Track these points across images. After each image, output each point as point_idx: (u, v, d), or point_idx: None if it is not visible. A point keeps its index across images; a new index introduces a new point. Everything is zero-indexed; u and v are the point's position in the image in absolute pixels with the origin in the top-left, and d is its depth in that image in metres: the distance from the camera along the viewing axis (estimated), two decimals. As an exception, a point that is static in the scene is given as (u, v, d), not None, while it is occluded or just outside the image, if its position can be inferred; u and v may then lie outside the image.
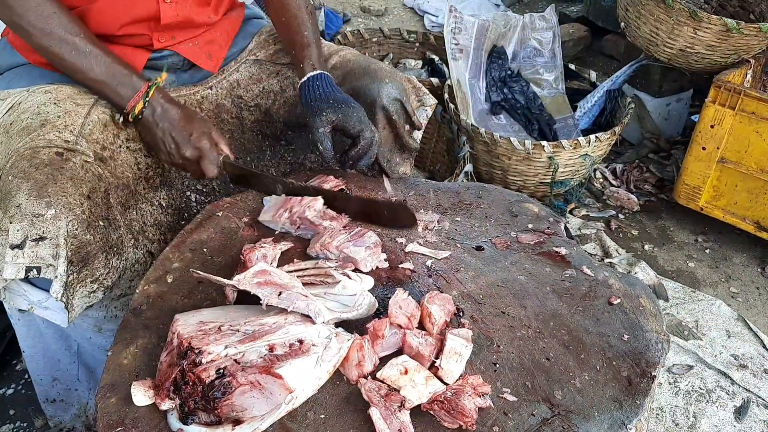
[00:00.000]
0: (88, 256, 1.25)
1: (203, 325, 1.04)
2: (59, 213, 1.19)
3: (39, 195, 1.19)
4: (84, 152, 1.32)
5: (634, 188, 2.97)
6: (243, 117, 1.69)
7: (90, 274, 1.26)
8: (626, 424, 1.01)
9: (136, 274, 1.40)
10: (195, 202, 1.60)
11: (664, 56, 2.73)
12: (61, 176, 1.23)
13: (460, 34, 2.83)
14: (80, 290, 1.25)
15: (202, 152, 1.39)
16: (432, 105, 1.79)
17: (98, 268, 1.28)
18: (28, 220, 1.18)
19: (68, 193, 1.22)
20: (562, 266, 1.32)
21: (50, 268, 1.19)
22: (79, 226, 1.22)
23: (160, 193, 1.52)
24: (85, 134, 1.35)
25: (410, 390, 1.00)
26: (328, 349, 1.02)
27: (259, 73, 1.70)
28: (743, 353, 2.11)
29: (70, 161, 1.27)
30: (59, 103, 1.37)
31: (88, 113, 1.38)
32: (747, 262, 2.57)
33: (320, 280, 1.18)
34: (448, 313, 1.14)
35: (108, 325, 1.45)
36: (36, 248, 1.18)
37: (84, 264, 1.24)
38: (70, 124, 1.34)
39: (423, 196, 1.54)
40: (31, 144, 1.28)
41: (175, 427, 0.97)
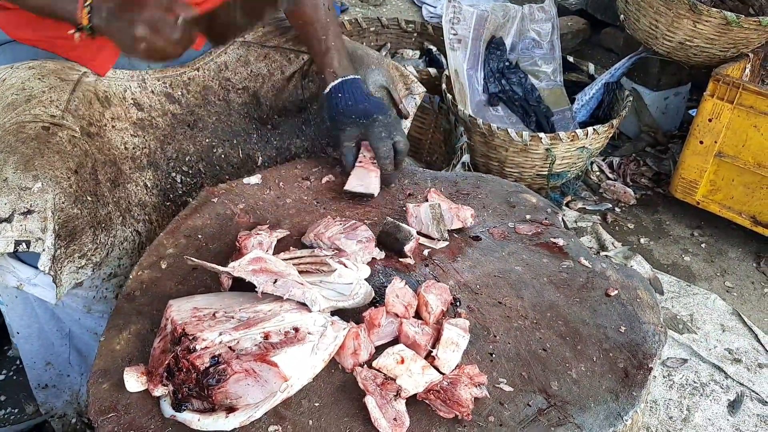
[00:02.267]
0: (76, 231, 1.23)
1: (197, 311, 1.03)
2: (46, 186, 1.18)
3: (26, 168, 1.18)
4: (71, 127, 1.31)
5: (631, 182, 2.96)
6: (230, 99, 1.68)
7: (78, 249, 1.25)
8: (622, 415, 1.00)
9: (124, 252, 1.40)
10: (181, 183, 1.58)
11: (663, 49, 2.72)
12: (47, 150, 1.22)
13: (459, 25, 2.81)
14: (68, 265, 1.24)
15: (153, 23, 1.21)
16: (420, 93, 1.77)
17: (86, 243, 1.26)
18: (16, 193, 1.16)
19: (55, 166, 1.21)
20: (559, 257, 1.31)
21: (39, 242, 1.18)
22: (66, 200, 1.21)
23: (146, 174, 1.51)
24: (71, 109, 1.34)
25: (406, 379, 0.99)
26: (323, 337, 1.01)
27: (247, 55, 1.69)
28: (737, 347, 2.11)
29: (57, 135, 1.26)
30: (43, 78, 1.35)
31: (73, 89, 1.37)
32: (742, 256, 2.57)
33: (316, 269, 1.17)
34: (445, 303, 1.14)
35: (97, 305, 1.44)
36: (24, 222, 1.17)
37: (72, 238, 1.23)
38: (56, 99, 1.33)
39: (420, 185, 1.53)
40: (17, 119, 1.26)
41: (168, 414, 0.96)
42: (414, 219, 1.35)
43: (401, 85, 1.73)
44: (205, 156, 1.63)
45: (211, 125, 1.63)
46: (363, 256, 1.24)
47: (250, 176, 1.51)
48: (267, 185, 1.49)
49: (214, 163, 1.64)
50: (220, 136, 1.65)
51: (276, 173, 1.54)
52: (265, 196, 1.46)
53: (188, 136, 1.59)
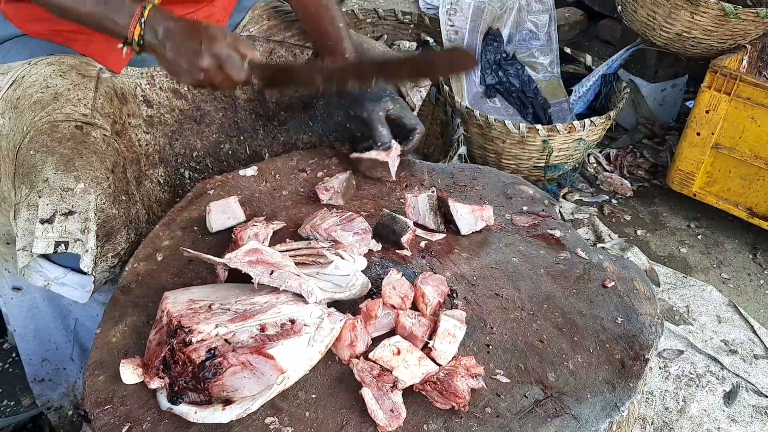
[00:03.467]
0: (113, 231, 1.24)
1: (193, 303, 1.03)
2: (88, 187, 1.18)
3: (67, 169, 1.18)
4: (102, 126, 1.30)
5: (628, 173, 2.96)
6: (236, 95, 1.67)
7: (112, 249, 1.25)
8: (619, 406, 1.00)
9: None
10: (189, 179, 1.58)
11: (660, 41, 2.71)
12: (86, 150, 1.22)
13: (456, 16, 2.80)
14: (102, 264, 1.24)
15: (221, 58, 1.23)
16: (426, 86, 1.77)
17: (120, 243, 1.27)
18: (58, 194, 1.16)
19: (95, 167, 1.21)
20: (556, 249, 1.31)
21: (78, 243, 1.18)
22: (106, 200, 1.22)
23: (158, 170, 1.51)
24: (98, 108, 1.33)
25: (403, 370, 0.99)
26: (320, 329, 1.01)
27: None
28: (733, 339, 2.11)
29: (91, 135, 1.26)
30: (65, 75, 1.34)
31: (96, 87, 1.36)
32: (739, 248, 2.57)
33: (313, 260, 1.16)
34: (442, 294, 1.14)
35: None
36: (65, 222, 1.17)
37: (108, 238, 1.23)
38: (83, 97, 1.32)
39: (417, 177, 1.52)
40: (48, 118, 1.25)
41: (165, 407, 0.96)
42: (411, 209, 1.34)
43: None
44: (212, 151, 1.63)
45: (217, 121, 1.63)
46: (359, 247, 1.24)
47: (246, 168, 1.50)
48: (263, 177, 1.49)
49: (221, 158, 1.64)
50: (227, 132, 1.65)
51: (272, 165, 1.53)
52: (261, 188, 1.46)
53: (195, 132, 1.59)
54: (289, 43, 1.70)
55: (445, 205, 1.33)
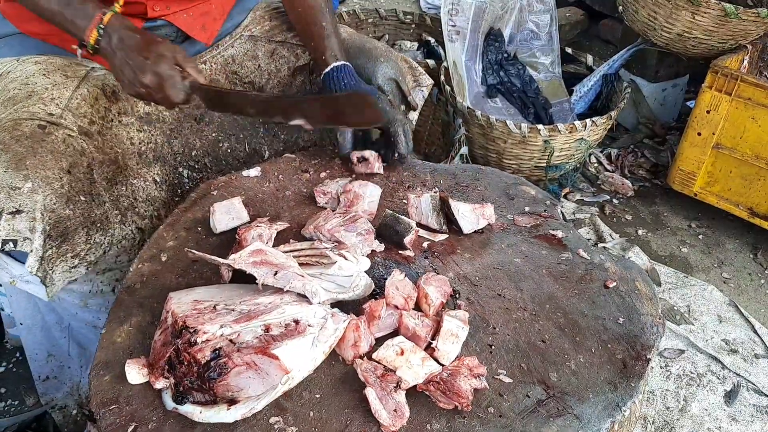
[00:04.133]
0: (68, 231, 1.23)
1: (198, 303, 1.04)
2: (36, 186, 1.18)
3: (17, 168, 1.18)
4: (68, 126, 1.30)
5: (629, 173, 2.97)
6: None
7: (70, 249, 1.25)
8: (620, 406, 1.01)
9: (123, 249, 1.39)
10: (187, 178, 1.58)
11: (661, 41, 2.72)
12: (41, 149, 1.22)
13: (457, 16, 2.81)
14: (61, 265, 1.24)
15: (162, 77, 1.28)
16: (428, 85, 1.78)
17: (79, 244, 1.26)
18: (5, 192, 1.16)
19: (47, 166, 1.21)
20: (558, 249, 1.32)
21: (27, 242, 1.17)
22: (57, 201, 1.21)
23: (154, 169, 1.51)
24: (72, 108, 1.33)
25: (406, 370, 1.00)
26: (324, 329, 1.02)
27: (254, 50, 1.68)
28: (734, 338, 2.12)
29: (52, 134, 1.26)
30: (48, 74, 1.35)
31: (77, 86, 1.37)
32: (739, 248, 2.58)
33: (316, 261, 1.17)
34: (445, 295, 1.14)
35: (94, 300, 1.44)
36: (12, 221, 1.16)
37: (64, 239, 1.23)
38: (57, 96, 1.32)
39: (419, 177, 1.53)
40: (14, 115, 1.26)
41: (170, 406, 0.96)
42: (414, 210, 1.35)
43: (410, 77, 1.73)
44: (212, 150, 1.63)
45: (217, 119, 1.63)
46: (362, 248, 1.25)
47: (249, 169, 1.51)
48: (266, 178, 1.50)
49: (220, 157, 1.64)
50: (226, 131, 1.65)
51: (275, 166, 1.54)
52: (264, 189, 1.46)
53: (195, 130, 1.59)
54: (291, 44, 1.71)
55: (446, 204, 1.33)
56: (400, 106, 1.65)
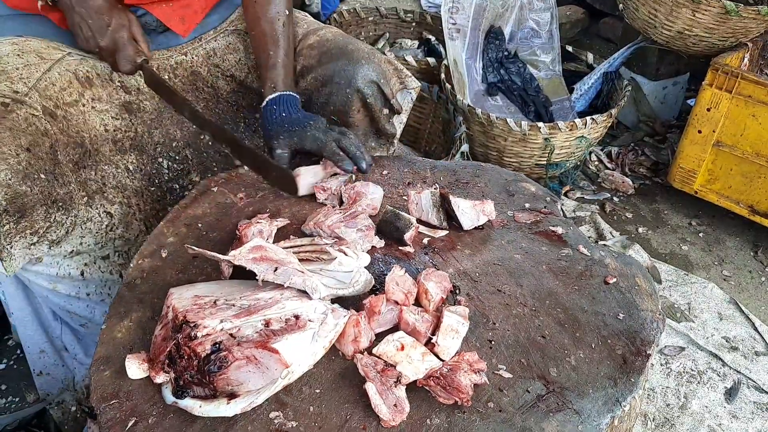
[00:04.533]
0: (25, 207, 1.23)
1: (198, 299, 1.04)
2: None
3: None
4: (32, 105, 1.31)
5: (629, 171, 2.97)
6: (218, 86, 1.67)
7: (29, 226, 1.25)
8: (620, 401, 1.01)
9: (88, 231, 1.40)
10: (167, 169, 1.58)
11: (661, 38, 2.72)
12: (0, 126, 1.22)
13: (458, 14, 2.81)
14: (20, 241, 1.24)
15: (118, 45, 1.39)
16: (416, 88, 1.75)
17: (38, 221, 1.26)
18: None
19: (4, 143, 1.21)
20: (558, 245, 1.32)
21: None
22: (13, 176, 1.21)
23: (128, 157, 1.50)
24: (40, 88, 1.34)
25: (406, 366, 1.00)
26: (324, 324, 1.02)
27: (237, 43, 1.68)
28: (734, 335, 2.12)
29: (14, 112, 1.26)
30: (23, 55, 1.36)
31: (49, 69, 1.38)
32: (740, 245, 2.58)
33: (316, 257, 1.17)
34: (445, 291, 1.14)
35: (62, 284, 1.45)
36: None
37: (22, 215, 1.23)
38: (26, 76, 1.33)
39: (420, 174, 1.53)
40: None
41: (170, 401, 0.96)
42: (414, 206, 1.35)
43: (395, 80, 1.70)
44: (192, 142, 1.62)
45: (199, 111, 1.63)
46: (363, 244, 1.25)
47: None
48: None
49: (201, 149, 1.63)
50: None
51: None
52: (264, 185, 1.46)
53: (175, 121, 1.59)
54: None
55: (446, 201, 1.33)
56: (382, 110, 1.63)
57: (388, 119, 1.66)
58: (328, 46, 1.62)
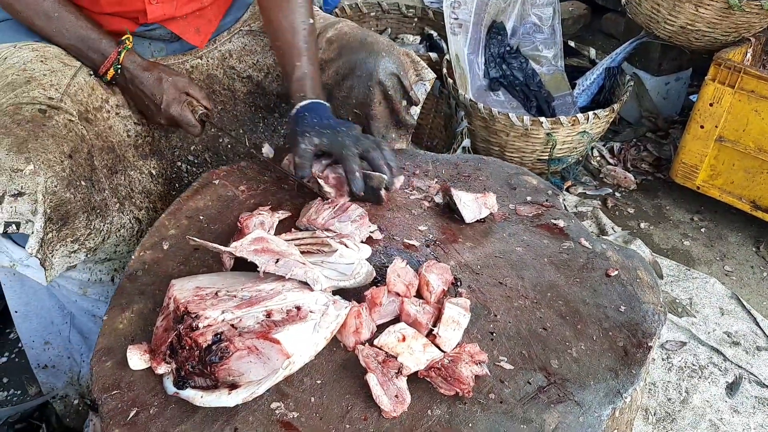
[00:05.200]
0: (68, 215, 1.23)
1: (200, 290, 1.04)
2: (38, 169, 1.18)
3: (19, 150, 1.18)
4: (68, 111, 1.31)
5: (631, 167, 2.96)
6: (235, 88, 1.67)
7: (71, 234, 1.25)
8: (621, 393, 1.01)
9: (121, 239, 1.40)
10: (186, 173, 1.58)
11: (664, 33, 2.71)
12: (42, 133, 1.22)
13: (460, 9, 2.80)
14: (60, 249, 1.24)
15: (175, 119, 1.42)
16: (431, 80, 1.76)
17: (79, 228, 1.26)
18: (7, 175, 1.16)
19: (49, 150, 1.21)
20: (560, 238, 1.32)
21: (29, 224, 1.17)
22: (58, 184, 1.21)
23: (150, 162, 1.51)
24: (71, 94, 1.34)
25: (408, 357, 1.00)
26: (325, 315, 1.02)
27: (253, 45, 1.67)
28: (736, 330, 2.12)
29: (53, 119, 1.26)
30: (46, 61, 1.36)
31: (74, 74, 1.38)
32: (742, 241, 2.58)
33: (318, 249, 1.17)
34: (446, 282, 1.14)
35: (93, 288, 1.45)
36: (15, 203, 1.16)
37: (64, 222, 1.23)
38: (56, 82, 1.33)
39: (422, 167, 1.53)
40: (14, 100, 1.27)
41: (171, 391, 0.97)
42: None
43: (411, 72, 1.71)
44: (211, 146, 1.63)
45: (216, 114, 1.63)
46: (360, 234, 1.25)
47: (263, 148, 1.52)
48: (268, 167, 1.50)
49: (220, 152, 1.64)
50: (226, 126, 1.65)
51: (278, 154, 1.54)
52: (266, 178, 1.46)
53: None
54: None
55: (448, 194, 1.33)
56: (401, 101, 1.63)
57: (406, 110, 1.67)
58: (347, 39, 1.62)
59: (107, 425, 0.93)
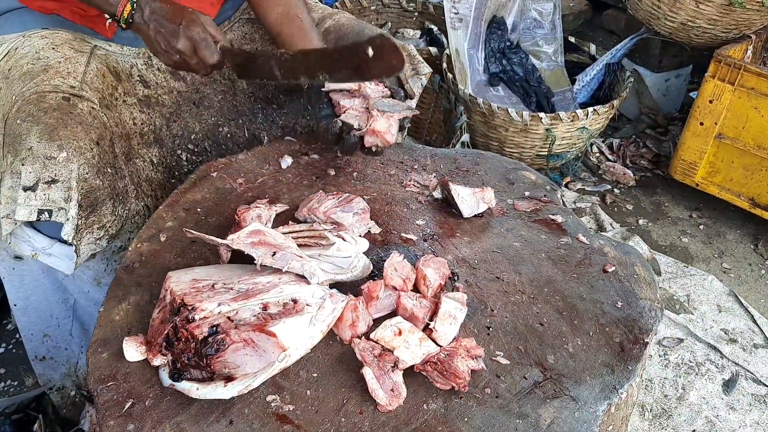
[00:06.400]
0: (97, 202, 1.24)
1: (196, 282, 1.04)
2: (71, 156, 1.19)
3: (50, 138, 1.18)
4: (90, 99, 1.31)
5: (631, 163, 2.96)
6: (235, 78, 1.66)
7: (98, 221, 1.26)
8: (617, 388, 1.01)
9: (135, 226, 1.40)
10: (186, 162, 1.58)
11: (665, 30, 2.70)
12: (71, 120, 1.22)
13: (460, 3, 2.79)
14: (87, 236, 1.25)
15: (195, 41, 1.31)
16: (427, 74, 1.76)
17: (105, 215, 1.27)
18: (41, 162, 1.17)
19: (79, 137, 1.21)
20: (557, 234, 1.32)
21: (61, 212, 1.18)
22: (89, 171, 1.22)
23: (152, 150, 1.51)
24: (88, 81, 1.34)
25: (404, 351, 1.00)
26: (322, 309, 1.02)
27: (252, 33, 1.67)
28: (733, 328, 2.12)
29: (78, 107, 1.27)
30: (57, 48, 1.35)
31: (88, 62, 1.37)
32: (740, 238, 2.58)
33: (315, 242, 1.17)
34: (443, 277, 1.14)
35: (107, 278, 1.45)
36: (48, 191, 1.17)
37: (93, 209, 1.24)
38: (73, 70, 1.33)
39: (420, 162, 1.52)
40: (36, 89, 1.27)
41: (167, 383, 0.96)
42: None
43: (408, 66, 1.71)
44: (211, 134, 1.63)
45: (216, 104, 1.63)
46: (359, 227, 1.25)
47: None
48: (266, 160, 1.49)
49: (219, 141, 1.64)
50: (225, 115, 1.64)
51: (275, 148, 1.54)
52: (264, 171, 1.46)
53: (194, 114, 1.59)
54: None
55: (446, 188, 1.33)
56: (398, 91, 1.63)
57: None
58: (344, 31, 1.63)
59: (103, 416, 0.93)
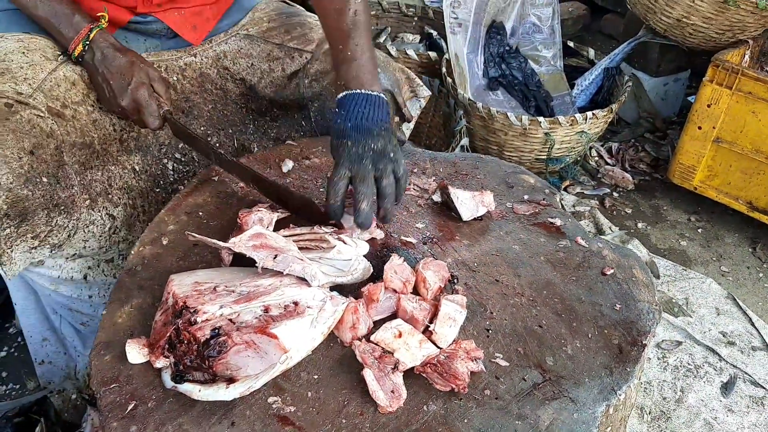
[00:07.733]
0: (27, 211, 1.23)
1: (198, 285, 1.04)
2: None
3: None
4: (36, 106, 1.30)
5: (629, 167, 2.97)
6: (227, 89, 1.65)
7: (30, 230, 1.25)
8: (616, 390, 1.02)
9: (91, 235, 1.39)
10: (172, 171, 1.57)
11: (660, 25, 2.71)
12: (2, 128, 1.22)
13: (459, 8, 2.81)
14: (21, 245, 1.24)
15: (139, 104, 1.35)
16: (425, 97, 1.76)
17: (39, 225, 1.26)
18: None
19: (6, 146, 1.21)
20: (556, 237, 1.33)
21: None
22: (14, 180, 1.21)
23: (134, 158, 1.50)
24: (45, 89, 1.33)
25: (404, 353, 1.01)
26: (322, 311, 1.03)
27: (248, 48, 1.66)
28: (731, 330, 2.13)
29: (18, 114, 1.26)
30: (28, 53, 1.35)
31: (55, 69, 1.37)
32: (738, 241, 2.59)
33: (315, 245, 1.18)
34: (443, 279, 1.15)
35: (65, 285, 1.45)
36: None
37: (23, 219, 1.23)
38: (31, 76, 1.32)
39: (420, 165, 1.53)
40: None
41: (169, 385, 0.97)
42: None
43: (406, 89, 1.70)
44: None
45: (206, 113, 1.62)
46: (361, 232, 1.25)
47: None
48: (268, 164, 1.50)
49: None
50: (215, 125, 1.64)
51: (277, 152, 1.55)
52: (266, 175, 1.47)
53: (182, 123, 1.58)
54: (288, 47, 1.68)
55: (446, 192, 1.34)
56: (393, 117, 1.61)
57: (398, 127, 1.65)
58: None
59: (106, 418, 0.94)
